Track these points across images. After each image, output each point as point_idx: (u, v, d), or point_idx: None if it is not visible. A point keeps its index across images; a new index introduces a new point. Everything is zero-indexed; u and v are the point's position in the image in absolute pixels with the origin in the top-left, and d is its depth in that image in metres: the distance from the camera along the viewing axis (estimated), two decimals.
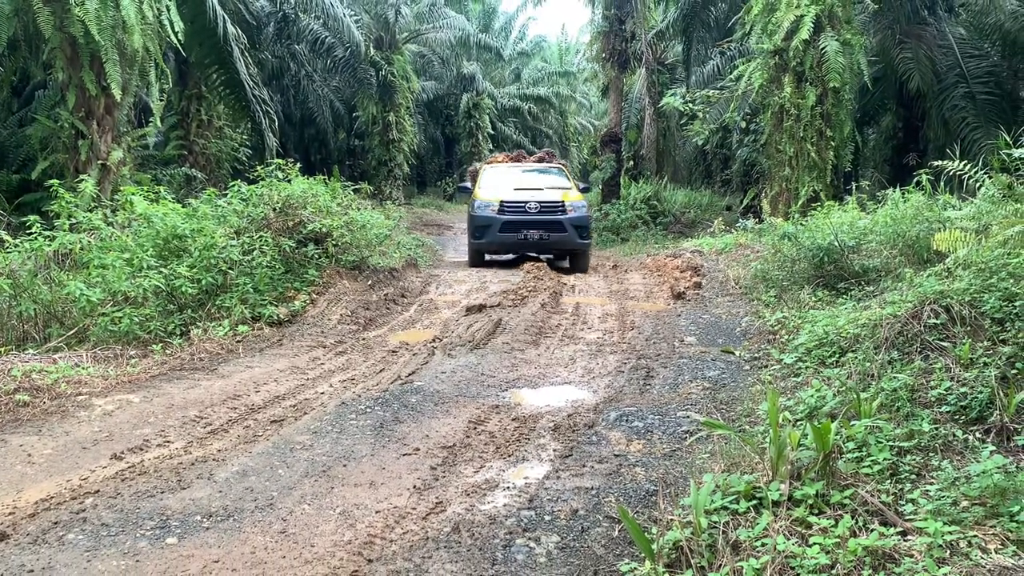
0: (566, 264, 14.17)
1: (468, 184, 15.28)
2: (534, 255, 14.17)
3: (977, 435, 4.06)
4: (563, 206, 13.29)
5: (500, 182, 14.31)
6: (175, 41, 12.50)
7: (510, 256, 14.44)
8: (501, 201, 13.30)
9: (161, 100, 13.76)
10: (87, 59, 11.39)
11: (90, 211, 8.71)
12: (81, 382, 5.91)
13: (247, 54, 16.76)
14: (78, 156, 11.86)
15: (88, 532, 3.53)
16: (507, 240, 13.28)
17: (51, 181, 8.95)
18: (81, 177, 10.26)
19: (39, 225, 7.95)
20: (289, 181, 10.37)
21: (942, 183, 8.73)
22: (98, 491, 3.98)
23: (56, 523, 3.62)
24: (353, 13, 23.71)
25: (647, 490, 3.93)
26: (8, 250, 7.81)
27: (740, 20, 15.84)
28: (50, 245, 7.85)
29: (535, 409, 5.34)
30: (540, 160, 16.93)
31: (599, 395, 5.63)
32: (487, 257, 14.54)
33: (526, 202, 13.30)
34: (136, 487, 4.02)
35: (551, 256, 14.40)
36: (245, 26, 17.81)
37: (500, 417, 5.16)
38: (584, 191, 14.85)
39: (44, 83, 17.11)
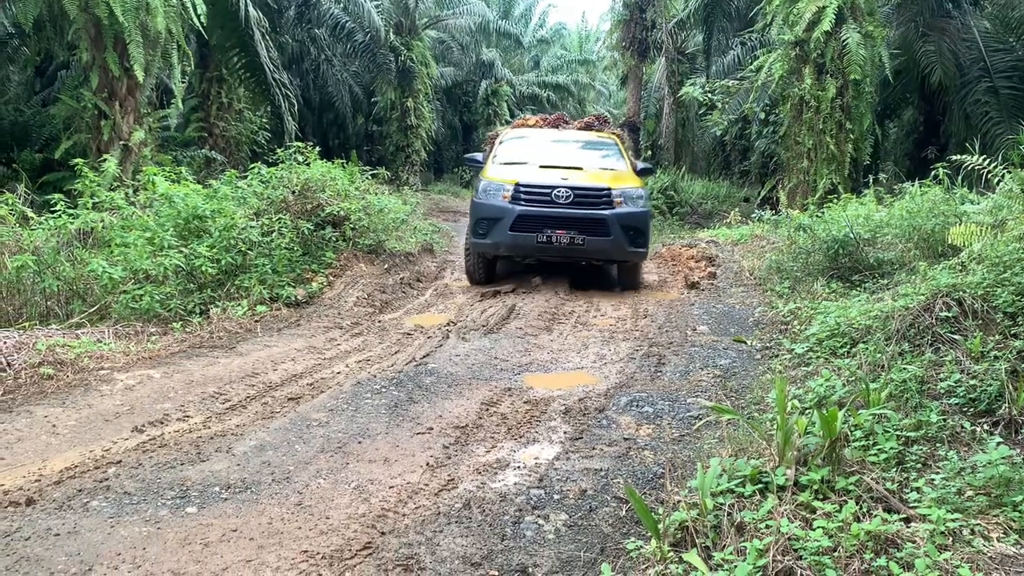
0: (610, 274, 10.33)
1: (478, 156, 10.75)
2: (561, 261, 9.75)
3: (985, 427, 4.10)
4: (609, 195, 8.96)
5: (523, 154, 10.13)
6: (197, 23, 12.59)
7: (528, 261, 10.25)
8: (517, 184, 9.03)
9: (183, 82, 13.85)
10: (110, 40, 11.50)
11: (112, 190, 8.84)
12: (103, 357, 6.03)
13: (268, 37, 16.84)
14: (100, 136, 12.00)
15: (111, 500, 3.65)
16: (522, 243, 8.95)
17: (74, 160, 9.08)
18: (103, 157, 10.40)
19: (62, 203, 8.08)
20: (308, 164, 10.47)
21: (960, 177, 8.70)
22: (120, 461, 4.09)
23: (80, 490, 3.73)
24: None
25: (655, 473, 4.00)
26: (32, 228, 7.96)
27: (761, 10, 15.76)
28: (73, 223, 7.98)
29: (547, 392, 5.42)
30: (587, 127, 11.74)
31: (610, 380, 5.70)
32: (498, 268, 10.14)
33: (553, 187, 8.91)
34: (157, 458, 4.13)
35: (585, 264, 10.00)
36: (266, 9, 17.89)
37: (512, 399, 5.24)
38: (644, 174, 10.36)
39: (68, 63, 17.31)
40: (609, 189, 9.07)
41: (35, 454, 4.20)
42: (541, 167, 9.53)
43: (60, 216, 7.93)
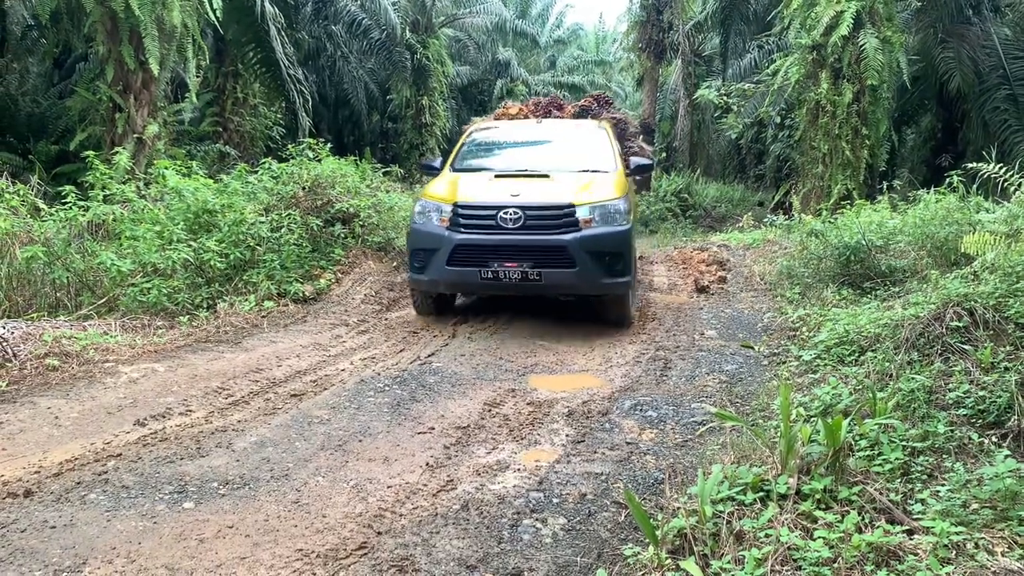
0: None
1: (436, 161, 8.66)
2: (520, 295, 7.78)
3: (993, 439, 4.03)
4: (571, 214, 6.91)
5: (485, 158, 8.55)
6: (213, 18, 12.64)
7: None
8: (455, 204, 7.08)
9: (198, 76, 13.90)
10: (126, 33, 11.55)
11: (124, 183, 8.87)
12: (109, 349, 6.05)
13: (284, 33, 16.89)
14: (115, 129, 12.05)
15: (109, 493, 3.64)
16: (463, 279, 7.08)
17: (87, 153, 9.12)
18: (117, 150, 10.44)
19: (74, 195, 8.11)
20: (319, 161, 10.47)
21: (976, 186, 8.60)
22: (120, 455, 4.09)
23: (79, 483, 3.73)
24: None
25: (656, 478, 3.96)
26: (44, 219, 7.99)
27: (779, 14, 15.67)
28: (84, 215, 8.02)
29: (550, 394, 5.38)
30: (583, 111, 10.59)
31: (615, 384, 5.66)
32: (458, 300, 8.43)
33: (499, 207, 6.93)
34: (157, 452, 4.13)
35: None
36: (282, 5, 17.94)
37: (515, 401, 5.21)
38: (639, 172, 8.46)
39: (85, 56, 17.41)
40: (571, 207, 6.88)
41: (36, 445, 4.21)
42: (496, 176, 7.58)
43: (71, 208, 7.96)
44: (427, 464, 4.10)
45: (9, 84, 17.05)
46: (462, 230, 6.97)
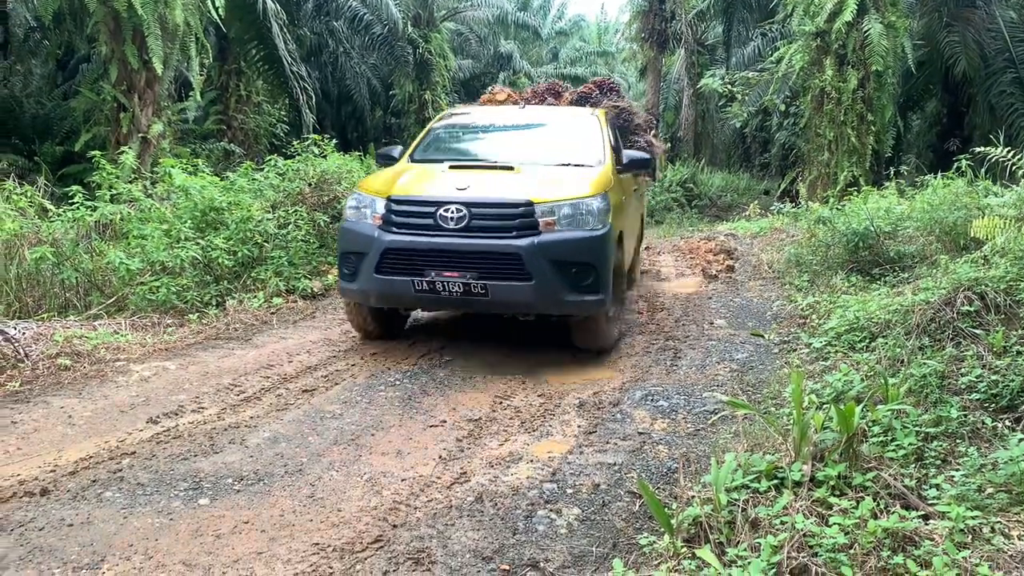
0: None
1: (395, 150, 7.32)
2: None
3: (1007, 423, 4.03)
4: (529, 214, 5.65)
5: (449, 148, 7.36)
6: (215, 16, 12.65)
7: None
8: (389, 199, 5.90)
9: (201, 75, 13.93)
10: (129, 33, 11.56)
11: (130, 183, 8.89)
12: (120, 348, 6.07)
13: (286, 30, 16.87)
14: (120, 129, 12.06)
15: (125, 491, 3.66)
16: (394, 290, 5.79)
17: (93, 153, 9.14)
18: (122, 149, 10.45)
19: (81, 195, 8.13)
20: (324, 157, 10.47)
21: (984, 170, 8.56)
22: (134, 452, 4.11)
23: (95, 481, 3.75)
24: None
25: (669, 467, 3.97)
26: (52, 219, 8.01)
27: (782, 1, 15.59)
28: (92, 215, 8.03)
29: (561, 386, 5.38)
30: (583, 98, 9.09)
31: (625, 374, 5.66)
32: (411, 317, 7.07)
33: (440, 202, 5.74)
34: (171, 450, 4.14)
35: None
36: (284, 2, 17.91)
37: (526, 393, 5.21)
38: (632, 168, 7.14)
39: (88, 57, 17.42)
40: (530, 205, 5.60)
41: (51, 444, 4.23)
42: (452, 167, 6.39)
43: (79, 208, 7.98)
44: (440, 457, 4.11)
45: (13, 86, 17.08)
46: (394, 230, 5.72)
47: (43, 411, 4.72)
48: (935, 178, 9.60)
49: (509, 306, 5.78)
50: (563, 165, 6.56)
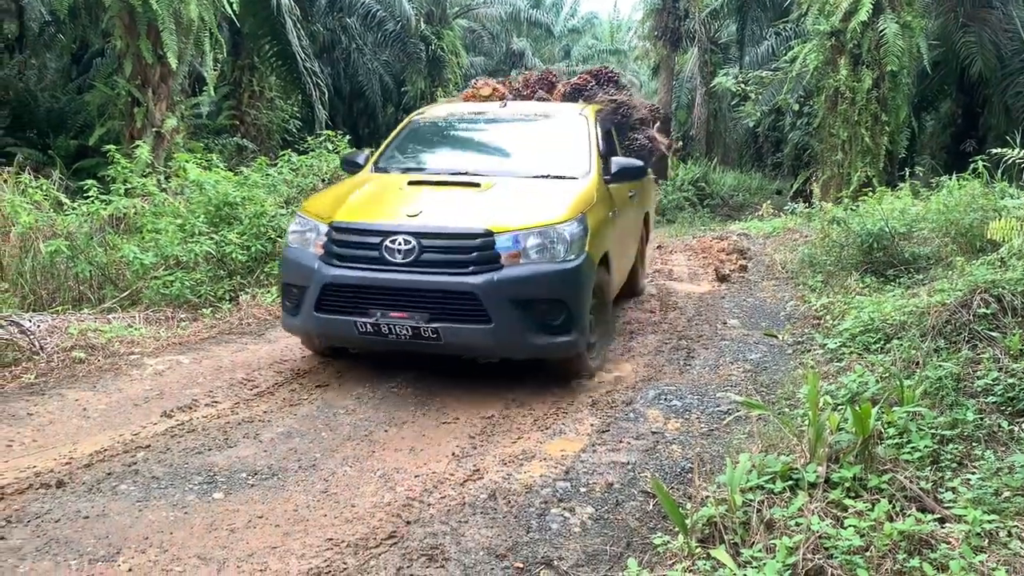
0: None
1: (360, 156, 6.55)
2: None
3: (1023, 426, 4.00)
4: (488, 245, 4.90)
5: (416, 155, 6.61)
6: (230, 12, 12.66)
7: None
8: (332, 226, 5.17)
9: (215, 70, 13.97)
10: (144, 28, 11.61)
11: (144, 177, 8.92)
12: (134, 342, 6.09)
13: (299, 26, 16.90)
14: (134, 123, 12.12)
15: (139, 484, 3.68)
16: (337, 331, 5.18)
17: (108, 147, 9.17)
18: (136, 143, 10.49)
19: (96, 189, 8.17)
20: (337, 153, 10.49)
21: (1000, 171, 8.50)
22: (149, 446, 4.12)
23: (110, 474, 3.77)
24: None
25: (683, 467, 3.96)
26: (66, 213, 8.06)
27: (797, 0, 15.52)
28: (106, 209, 8.07)
29: (574, 385, 5.37)
30: (576, 91, 7.85)
31: (638, 373, 5.64)
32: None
33: (386, 232, 5.02)
34: (185, 444, 4.16)
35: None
36: None
37: (537, 390, 5.20)
38: (623, 178, 6.16)
39: (102, 51, 17.50)
40: (489, 235, 4.84)
41: (66, 437, 4.25)
42: (411, 183, 5.68)
43: (93, 202, 8.02)
44: (453, 454, 4.11)
45: (28, 80, 17.17)
46: (336, 262, 4.99)
47: (58, 403, 4.75)
48: (950, 179, 9.55)
49: (466, 351, 5.12)
50: (541, 177, 5.76)
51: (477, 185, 5.51)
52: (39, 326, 5.98)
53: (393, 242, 4.88)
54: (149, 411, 4.68)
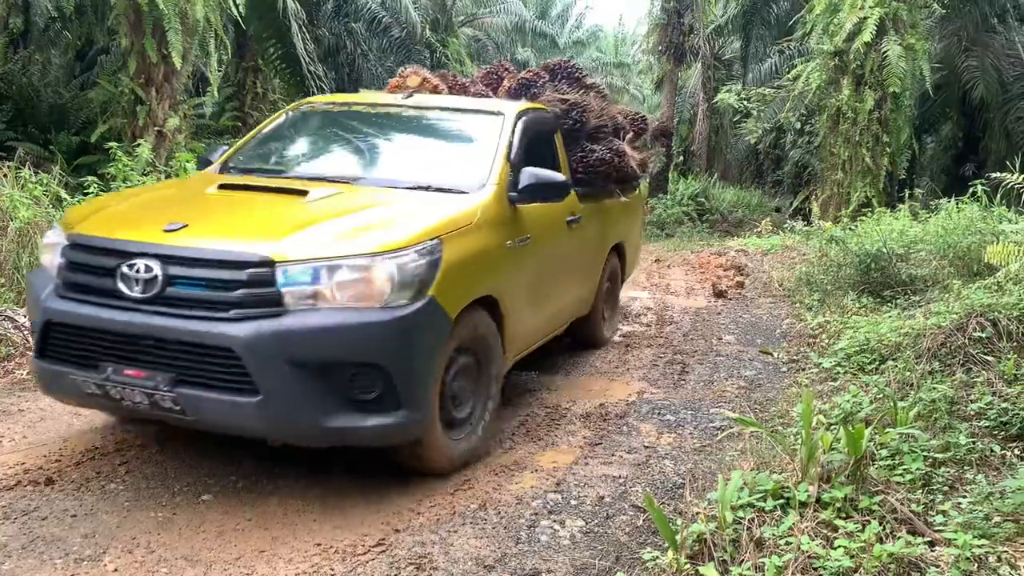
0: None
1: (214, 154, 5.29)
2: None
3: (1016, 452, 4.00)
4: (265, 279, 3.37)
5: (273, 156, 5.29)
6: (235, 13, 12.69)
7: None
8: (70, 241, 3.74)
9: (219, 71, 13.94)
10: (150, 27, 11.61)
11: (145, 175, 8.91)
12: None
13: (305, 29, 16.94)
14: (136, 121, 12.11)
15: (129, 483, 3.66)
16: (61, 388, 3.69)
17: (111, 144, 9.17)
18: (138, 142, 10.48)
19: (96, 186, 8.16)
20: None
21: (999, 196, 8.53)
22: (141, 445, 4.11)
23: (99, 473, 3.76)
24: None
25: (674, 483, 3.95)
26: (65, 208, 8.04)
27: (801, 19, 15.58)
28: None
29: (567, 396, 5.36)
30: (525, 84, 6.25)
31: (632, 387, 5.64)
32: None
33: (125, 253, 3.50)
34: (175, 444, 4.14)
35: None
36: (304, 1, 18.00)
37: (532, 402, 5.19)
38: (536, 195, 4.66)
39: (107, 49, 17.52)
40: (267, 265, 3.41)
41: (57, 434, 4.24)
42: (223, 187, 4.43)
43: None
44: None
45: (32, 75, 17.16)
46: (64, 292, 3.64)
47: (49, 400, 4.72)
48: (949, 202, 9.57)
49: (226, 428, 3.61)
50: (416, 188, 4.40)
51: (304, 193, 4.15)
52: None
53: (131, 267, 3.43)
54: None
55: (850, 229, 9.66)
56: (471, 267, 4.00)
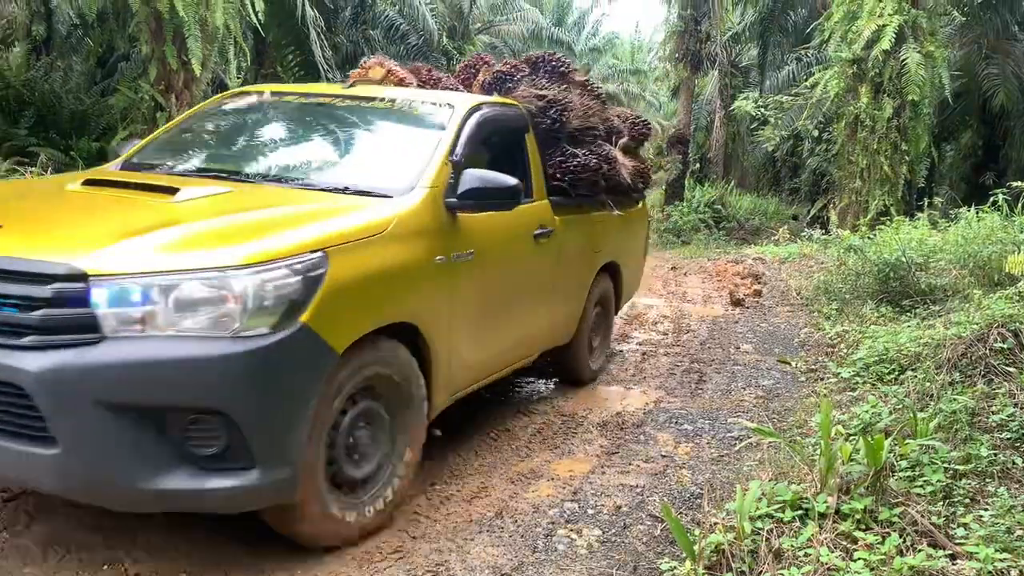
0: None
1: (125, 148, 4.67)
2: None
3: None
4: (75, 297, 2.63)
5: (186, 151, 4.59)
6: (255, 20, 12.79)
7: None
8: None
9: (238, 78, 14.08)
10: (170, 34, 11.74)
11: None
12: None
13: (323, 37, 17.06)
14: (156, 127, 12.22)
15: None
16: None
17: None
18: None
19: None
20: None
21: (1020, 205, 8.46)
22: None
23: None
24: (428, 1, 23.93)
25: (692, 492, 3.93)
26: None
27: (819, 27, 15.54)
28: None
29: (584, 405, 5.35)
30: (501, 78, 5.42)
31: (649, 395, 5.62)
32: None
33: None
34: None
35: None
36: (323, 9, 18.11)
37: (548, 410, 5.18)
38: (478, 200, 3.89)
39: (128, 55, 17.70)
40: (78, 280, 2.65)
41: None
42: (85, 183, 3.74)
43: None
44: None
45: (53, 82, 17.36)
46: None
47: None
48: (969, 211, 9.50)
49: (17, 484, 3.22)
50: (332, 190, 3.74)
51: (172, 192, 3.47)
52: None
53: None
54: None
55: (868, 238, 9.59)
56: (375, 287, 3.26)
